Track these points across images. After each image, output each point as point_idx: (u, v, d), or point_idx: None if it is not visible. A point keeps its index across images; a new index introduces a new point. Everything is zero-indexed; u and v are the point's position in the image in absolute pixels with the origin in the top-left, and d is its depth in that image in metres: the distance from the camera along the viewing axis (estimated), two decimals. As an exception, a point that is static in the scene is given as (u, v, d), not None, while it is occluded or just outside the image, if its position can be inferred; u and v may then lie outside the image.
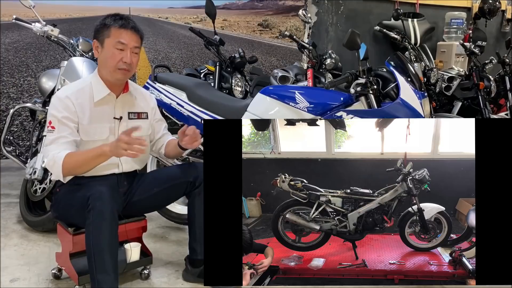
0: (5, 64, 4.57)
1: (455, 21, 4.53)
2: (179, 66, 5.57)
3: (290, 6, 6.15)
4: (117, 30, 1.87)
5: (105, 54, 1.90)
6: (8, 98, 4.48)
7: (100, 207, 1.72)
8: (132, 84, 2.07)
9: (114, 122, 1.98)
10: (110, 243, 1.74)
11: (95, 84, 1.94)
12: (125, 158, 1.99)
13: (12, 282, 2.10)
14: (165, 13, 6.36)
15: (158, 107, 2.25)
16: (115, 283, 1.75)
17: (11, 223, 2.81)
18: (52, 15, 5.05)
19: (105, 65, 1.91)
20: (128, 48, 1.89)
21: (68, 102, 1.86)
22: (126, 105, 2.02)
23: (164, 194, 2.07)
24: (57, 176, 1.82)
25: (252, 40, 6.31)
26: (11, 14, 3.13)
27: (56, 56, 4.79)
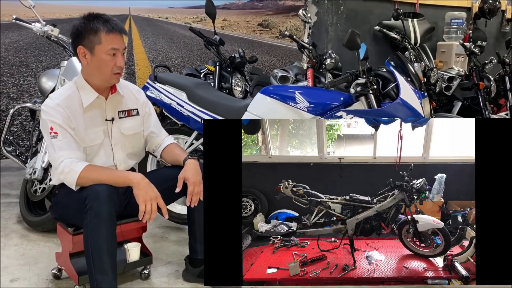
0: (5, 64, 4.57)
1: (455, 21, 4.52)
2: (179, 66, 5.57)
3: (290, 6, 6.15)
4: (107, 35, 1.83)
5: (96, 61, 1.86)
6: (8, 98, 4.48)
7: (97, 208, 1.72)
8: (120, 82, 2.05)
9: (107, 124, 1.98)
10: (108, 243, 1.74)
11: (82, 90, 1.92)
12: (119, 157, 2.01)
13: (12, 282, 2.10)
14: (165, 13, 6.37)
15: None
16: (113, 283, 1.75)
17: (11, 223, 2.81)
18: (52, 15, 5.05)
19: (99, 72, 1.88)
20: (119, 52, 1.87)
21: (61, 110, 1.85)
22: (116, 106, 2.01)
23: (163, 194, 2.06)
24: (69, 183, 1.81)
25: (252, 40, 6.32)
26: (11, 14, 3.13)
27: (56, 56, 4.79)
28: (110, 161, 1.99)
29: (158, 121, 2.21)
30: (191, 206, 1.96)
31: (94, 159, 1.95)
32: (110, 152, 2.00)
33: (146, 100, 2.16)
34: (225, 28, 6.04)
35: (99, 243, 1.72)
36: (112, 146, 2.00)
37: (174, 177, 2.06)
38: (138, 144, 2.12)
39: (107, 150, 1.99)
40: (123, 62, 1.89)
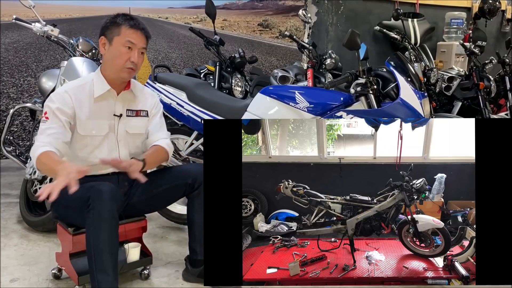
0: (5, 64, 4.57)
1: (455, 21, 4.53)
2: (179, 66, 5.57)
3: (290, 6, 6.16)
4: (128, 29, 1.89)
5: (112, 51, 1.90)
6: (8, 98, 4.48)
7: (100, 207, 1.72)
8: (135, 82, 2.07)
9: (114, 119, 1.99)
10: (110, 243, 1.74)
11: (96, 81, 1.95)
12: (124, 155, 2.02)
13: (12, 282, 2.10)
14: (165, 13, 6.37)
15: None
16: (114, 283, 1.75)
17: (11, 223, 2.81)
18: (52, 15, 5.06)
19: (111, 63, 1.92)
20: (136, 48, 1.90)
21: (66, 96, 1.88)
22: (126, 103, 2.03)
23: (163, 195, 2.07)
24: (35, 167, 1.85)
25: (252, 40, 6.32)
26: (11, 14, 3.13)
27: (56, 56, 4.79)
28: (115, 156, 1.99)
29: (161, 124, 2.16)
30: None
31: (95, 151, 1.96)
32: (114, 148, 2.00)
33: (158, 103, 2.16)
34: (225, 28, 6.05)
35: (101, 242, 1.72)
36: (118, 142, 2.01)
37: (172, 179, 2.06)
38: (142, 145, 2.12)
39: (111, 145, 1.99)
40: (138, 59, 1.91)
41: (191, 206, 2.08)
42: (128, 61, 1.90)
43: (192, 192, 2.04)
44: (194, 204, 2.05)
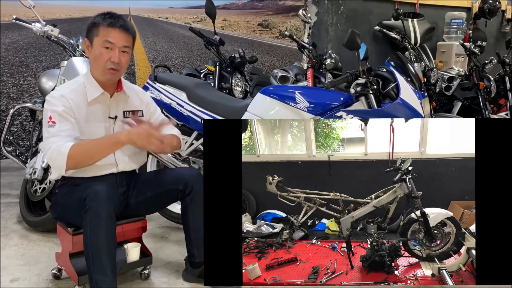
0: (5, 64, 4.57)
1: (455, 21, 4.53)
2: (179, 66, 5.57)
3: (290, 6, 6.15)
4: (105, 29, 1.85)
5: (94, 53, 1.88)
6: (8, 98, 4.48)
7: (96, 207, 1.72)
8: (125, 82, 2.06)
9: (109, 121, 1.97)
10: (108, 244, 1.73)
11: (88, 84, 1.93)
12: (122, 158, 2.00)
13: (12, 282, 2.10)
14: (165, 13, 6.37)
15: (159, 107, 2.24)
16: (113, 283, 1.74)
17: (11, 223, 2.81)
18: (52, 15, 5.05)
19: (95, 65, 1.91)
20: (116, 47, 1.86)
21: (64, 100, 1.85)
22: (120, 104, 2.01)
23: (157, 198, 2.06)
24: (59, 168, 1.74)
25: (252, 40, 6.31)
26: (11, 14, 3.13)
27: (56, 56, 4.79)
28: (111, 158, 1.98)
29: (163, 118, 2.16)
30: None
31: None
32: None
33: (150, 100, 2.16)
34: (225, 28, 6.04)
35: (99, 243, 1.71)
36: None
37: (165, 184, 2.05)
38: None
39: None
40: (118, 58, 1.86)
41: (184, 212, 2.07)
42: (108, 61, 1.86)
43: (185, 198, 2.03)
44: (187, 209, 2.05)
